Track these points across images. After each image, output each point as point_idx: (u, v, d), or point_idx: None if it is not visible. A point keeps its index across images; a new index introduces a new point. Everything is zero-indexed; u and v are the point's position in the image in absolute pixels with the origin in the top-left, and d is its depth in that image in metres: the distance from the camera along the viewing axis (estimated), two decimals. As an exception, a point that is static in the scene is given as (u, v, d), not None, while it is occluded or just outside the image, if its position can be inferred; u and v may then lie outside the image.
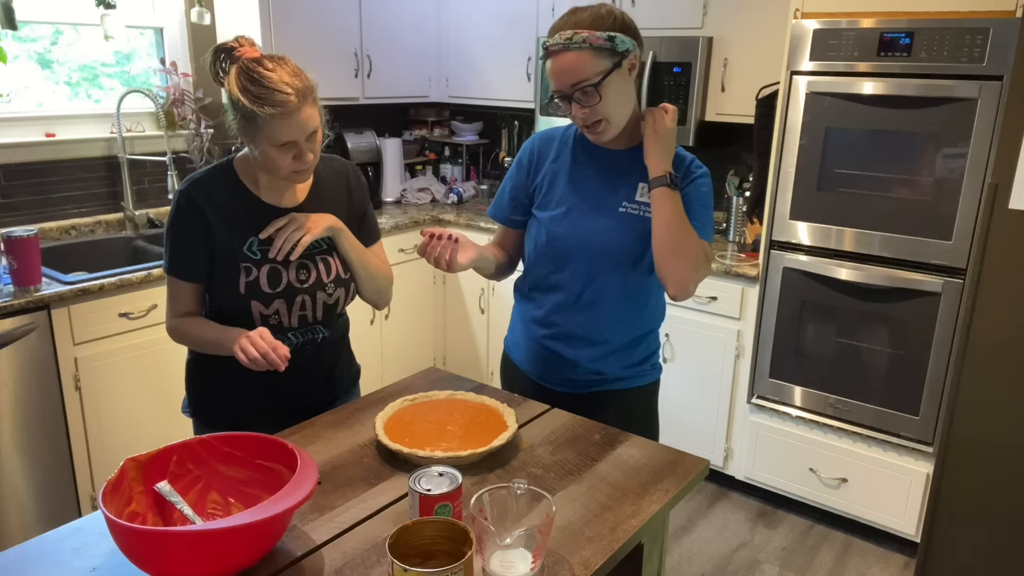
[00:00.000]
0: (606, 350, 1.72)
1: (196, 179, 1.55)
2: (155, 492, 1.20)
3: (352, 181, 1.71)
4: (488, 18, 3.77)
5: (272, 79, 1.41)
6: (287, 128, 1.42)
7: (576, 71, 1.51)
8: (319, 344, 1.67)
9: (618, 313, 1.70)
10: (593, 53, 1.50)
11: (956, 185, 2.39)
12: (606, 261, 1.65)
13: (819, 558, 2.74)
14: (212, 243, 1.54)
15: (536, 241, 1.72)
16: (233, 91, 1.42)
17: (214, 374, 1.64)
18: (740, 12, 3.02)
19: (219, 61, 1.48)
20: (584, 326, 1.70)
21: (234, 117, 1.45)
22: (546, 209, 1.70)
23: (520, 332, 1.82)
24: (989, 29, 2.25)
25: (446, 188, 4.15)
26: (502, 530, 1.11)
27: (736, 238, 3.26)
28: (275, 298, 1.56)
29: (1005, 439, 2.15)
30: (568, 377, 1.76)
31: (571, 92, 1.54)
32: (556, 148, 1.72)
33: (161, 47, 3.30)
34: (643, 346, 1.77)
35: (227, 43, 1.48)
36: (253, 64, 1.43)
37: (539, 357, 1.78)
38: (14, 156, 2.85)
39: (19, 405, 2.39)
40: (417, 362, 3.84)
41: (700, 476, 1.45)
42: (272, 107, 1.39)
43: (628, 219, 1.64)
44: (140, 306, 2.63)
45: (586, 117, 1.57)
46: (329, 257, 1.63)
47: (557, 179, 1.70)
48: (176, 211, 1.53)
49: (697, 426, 3.12)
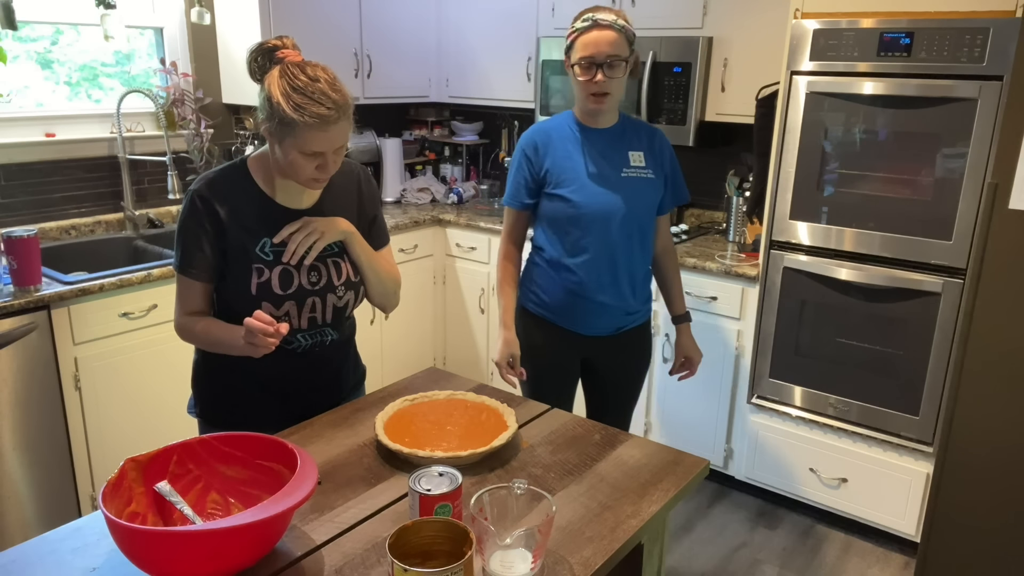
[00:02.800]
0: (631, 290, 2.11)
1: (210, 178, 1.54)
2: (155, 492, 1.20)
3: (363, 185, 1.72)
4: (488, 18, 3.77)
5: (316, 90, 1.41)
6: (320, 139, 1.43)
7: (616, 46, 1.91)
8: (327, 346, 1.67)
9: (638, 254, 2.10)
10: (626, 40, 1.94)
11: (956, 185, 2.39)
12: (625, 217, 2.02)
13: (819, 558, 2.74)
14: (224, 243, 1.53)
15: (557, 215, 2.05)
16: (274, 94, 1.41)
17: (222, 375, 1.64)
18: (740, 12, 3.02)
19: (259, 58, 1.48)
20: (615, 272, 2.06)
21: (267, 116, 1.45)
22: (562, 187, 2.03)
23: (552, 291, 2.11)
24: (989, 29, 2.25)
25: (446, 188, 4.15)
26: (502, 530, 1.11)
27: (736, 238, 3.26)
28: (286, 299, 1.56)
29: (1005, 439, 2.15)
30: (601, 319, 2.12)
31: (604, 60, 1.91)
32: (555, 137, 2.06)
33: (161, 47, 3.30)
34: (647, 279, 2.19)
35: (270, 42, 1.48)
36: (296, 70, 1.43)
37: (574, 307, 2.10)
38: (14, 156, 2.85)
39: (19, 405, 2.39)
40: (417, 362, 3.84)
41: (700, 476, 1.45)
42: (312, 117, 1.40)
43: (631, 181, 2.04)
44: (140, 306, 2.63)
45: (602, 86, 1.93)
46: (340, 260, 1.63)
47: (565, 161, 2.03)
48: (188, 210, 1.53)
49: (697, 426, 3.13)
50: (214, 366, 1.64)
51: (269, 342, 1.40)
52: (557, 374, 2.18)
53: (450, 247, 3.80)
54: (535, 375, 2.16)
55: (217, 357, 1.60)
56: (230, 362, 1.57)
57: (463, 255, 3.76)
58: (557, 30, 3.51)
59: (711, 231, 3.48)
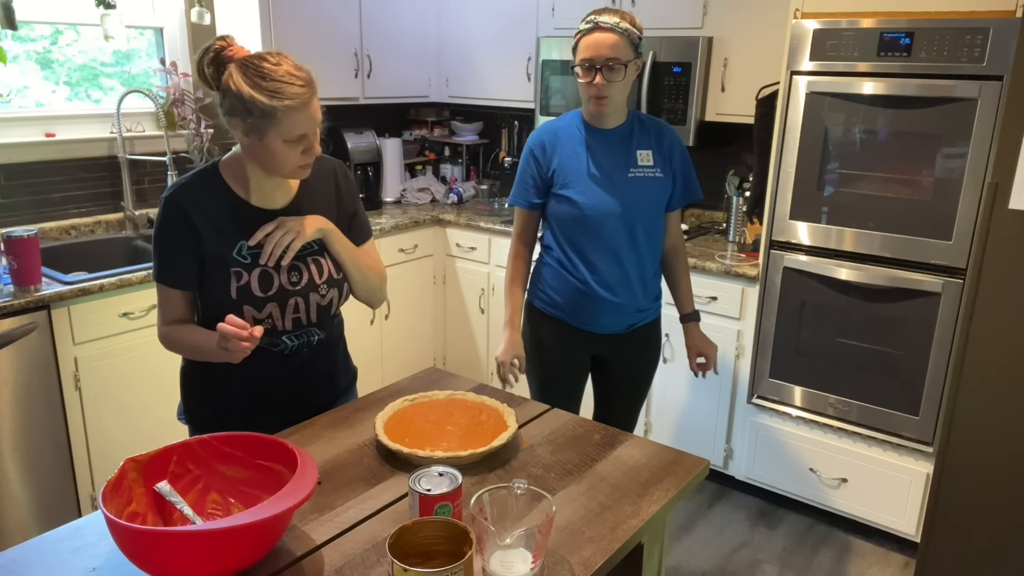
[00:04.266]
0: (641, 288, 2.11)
1: (181, 184, 1.52)
2: (155, 492, 1.20)
3: (341, 180, 1.69)
4: (488, 18, 3.77)
5: (284, 73, 1.41)
6: (302, 120, 1.43)
7: (615, 49, 1.90)
8: (315, 346, 1.66)
9: (646, 253, 2.09)
10: (628, 43, 1.91)
11: (956, 185, 2.39)
12: (632, 216, 2.03)
13: (819, 558, 2.74)
14: (201, 249, 1.51)
15: (564, 216, 2.06)
16: (244, 90, 1.40)
17: (208, 381, 1.62)
18: (740, 12, 3.02)
19: (209, 65, 1.46)
20: (624, 271, 2.07)
21: (241, 115, 1.42)
22: (570, 187, 2.03)
23: (563, 290, 2.11)
24: (989, 29, 2.25)
25: (446, 188, 4.15)
26: (502, 530, 1.11)
27: (736, 238, 3.26)
28: (267, 302, 1.54)
29: (1005, 439, 2.15)
30: (612, 318, 2.12)
31: (603, 64, 1.90)
32: (562, 137, 2.06)
33: (161, 47, 3.30)
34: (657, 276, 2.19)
35: (213, 45, 1.45)
36: (258, 61, 1.42)
37: (584, 306, 2.10)
38: (14, 156, 2.85)
39: (19, 405, 2.39)
40: (417, 362, 3.84)
41: (700, 476, 1.45)
42: (290, 99, 1.40)
43: (638, 180, 2.04)
44: (140, 306, 2.63)
45: (601, 89, 1.93)
46: (320, 258, 1.61)
47: (572, 161, 2.04)
48: (163, 218, 1.51)
49: (697, 426, 3.13)
50: (201, 372, 1.62)
51: (243, 346, 1.37)
52: (567, 372, 2.18)
53: (450, 247, 3.80)
54: (544, 373, 2.16)
55: (202, 364, 1.58)
56: (216, 368, 1.55)
57: (463, 255, 3.76)
58: (557, 30, 3.51)
59: (711, 231, 3.48)
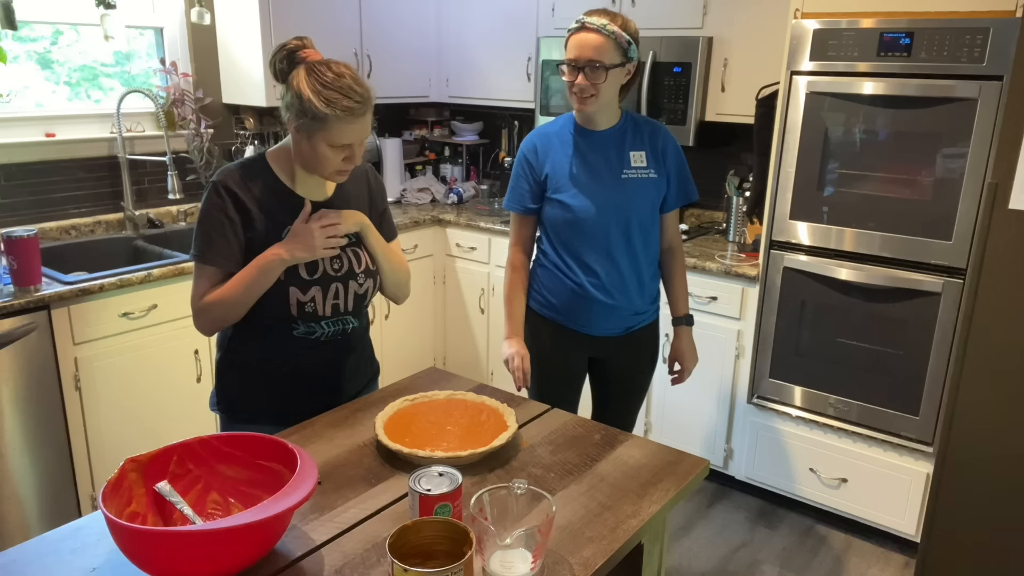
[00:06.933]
0: (638, 290, 2.09)
1: (231, 169, 1.60)
2: (155, 492, 1.20)
3: (372, 181, 1.80)
4: (488, 18, 3.77)
5: (343, 85, 1.50)
6: (350, 131, 1.52)
7: (598, 51, 1.87)
8: (349, 334, 1.72)
9: (642, 255, 2.08)
10: (615, 45, 1.88)
11: (956, 185, 2.39)
12: (626, 219, 2.01)
13: (819, 558, 2.74)
14: (249, 231, 1.58)
15: (557, 220, 2.04)
16: (304, 92, 1.48)
17: (247, 370, 1.68)
18: (740, 12, 3.02)
19: (282, 60, 1.55)
20: (619, 274, 2.05)
21: (296, 114, 1.51)
22: (563, 191, 2.02)
23: (559, 293, 2.10)
24: (989, 29, 2.25)
25: (446, 188, 4.15)
26: (502, 530, 1.11)
27: (736, 238, 3.26)
28: (312, 285, 1.60)
29: (1005, 439, 2.15)
30: (608, 321, 2.10)
31: (586, 64, 1.87)
32: (555, 141, 2.05)
33: (161, 47, 3.30)
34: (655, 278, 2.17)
35: (291, 43, 1.55)
36: (323, 68, 1.51)
37: (580, 309, 2.08)
38: (14, 156, 2.85)
39: (19, 405, 2.39)
40: (417, 362, 3.84)
41: (700, 476, 1.45)
42: (342, 110, 1.49)
43: (631, 182, 2.02)
44: (140, 306, 2.63)
45: (584, 89, 1.90)
46: (359, 250, 1.69)
47: (565, 165, 2.02)
48: (211, 200, 1.57)
49: (697, 426, 3.12)
50: (239, 360, 1.68)
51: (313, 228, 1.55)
52: (564, 374, 2.18)
53: (450, 247, 3.80)
54: (542, 375, 2.16)
55: (241, 355, 1.66)
56: (255, 358, 1.64)
57: (463, 255, 3.76)
58: (557, 30, 3.51)
59: (711, 231, 3.48)
